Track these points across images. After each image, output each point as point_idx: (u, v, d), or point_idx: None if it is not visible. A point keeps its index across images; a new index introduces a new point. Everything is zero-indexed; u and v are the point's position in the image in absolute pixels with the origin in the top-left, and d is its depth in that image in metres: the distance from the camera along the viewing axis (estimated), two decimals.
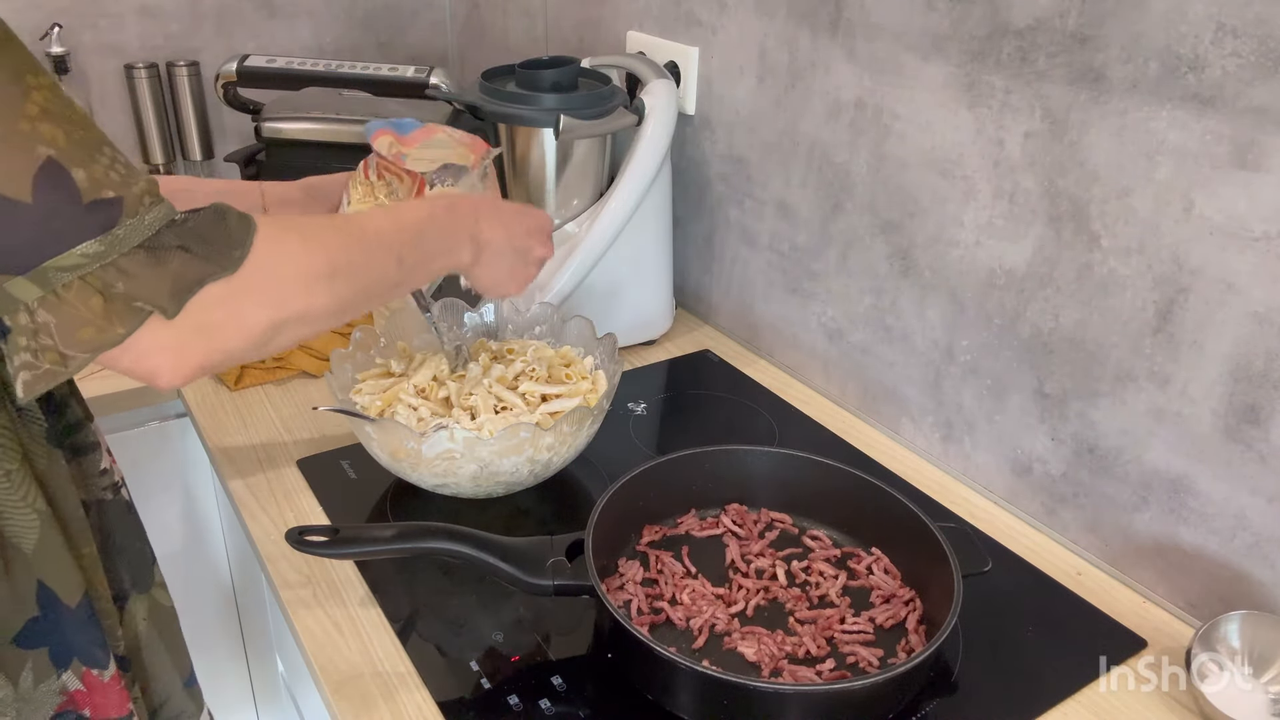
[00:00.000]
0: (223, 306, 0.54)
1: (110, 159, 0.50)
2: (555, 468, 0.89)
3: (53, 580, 0.64)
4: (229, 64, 1.43)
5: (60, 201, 0.48)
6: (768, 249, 1.14)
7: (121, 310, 0.50)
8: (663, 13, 1.20)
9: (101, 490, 0.72)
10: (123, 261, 0.50)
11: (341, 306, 0.62)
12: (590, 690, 0.71)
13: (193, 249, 0.52)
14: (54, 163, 0.48)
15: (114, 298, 0.50)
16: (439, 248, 0.74)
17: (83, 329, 0.50)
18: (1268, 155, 0.67)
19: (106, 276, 0.50)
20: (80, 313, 0.50)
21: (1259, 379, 0.71)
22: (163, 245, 0.51)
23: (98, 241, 0.49)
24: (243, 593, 1.22)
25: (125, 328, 0.51)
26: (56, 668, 0.65)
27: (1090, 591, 0.83)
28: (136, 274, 0.50)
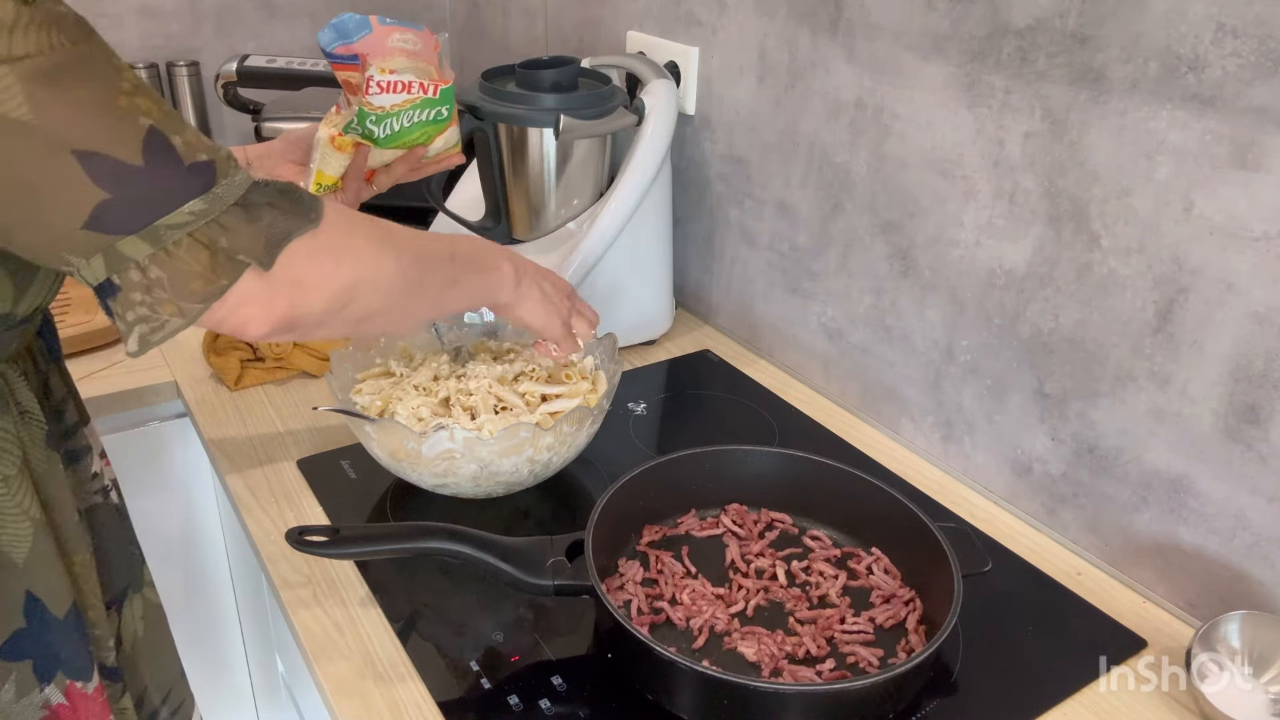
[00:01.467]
0: (309, 261, 0.57)
1: (194, 129, 0.54)
2: (555, 468, 0.89)
3: (42, 590, 0.64)
4: (229, 64, 1.43)
5: (166, 164, 0.51)
6: (768, 249, 1.14)
7: (224, 263, 0.54)
8: (663, 13, 1.20)
9: (93, 495, 0.72)
10: (223, 218, 0.53)
11: (407, 281, 0.65)
12: (590, 690, 0.71)
13: (279, 205, 0.56)
14: (156, 130, 0.51)
15: (218, 251, 0.53)
16: (482, 259, 0.77)
17: (193, 281, 0.53)
18: (1268, 155, 0.67)
19: (211, 233, 0.53)
20: (190, 267, 0.53)
21: (1259, 379, 0.72)
22: (254, 202, 0.55)
23: (201, 200, 0.52)
24: (243, 593, 1.22)
25: (229, 279, 0.54)
26: (40, 681, 0.65)
27: (1090, 591, 0.83)
28: (236, 229, 0.54)
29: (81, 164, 0.49)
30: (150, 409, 1.10)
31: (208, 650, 1.26)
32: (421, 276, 0.68)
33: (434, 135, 0.90)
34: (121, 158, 0.50)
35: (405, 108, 0.86)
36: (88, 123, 0.49)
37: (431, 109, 0.88)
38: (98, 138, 0.49)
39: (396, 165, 0.92)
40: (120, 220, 0.50)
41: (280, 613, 0.81)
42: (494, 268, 0.78)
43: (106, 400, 1.04)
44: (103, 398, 1.04)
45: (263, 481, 0.92)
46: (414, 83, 0.85)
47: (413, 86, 0.85)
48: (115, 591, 0.75)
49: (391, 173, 0.92)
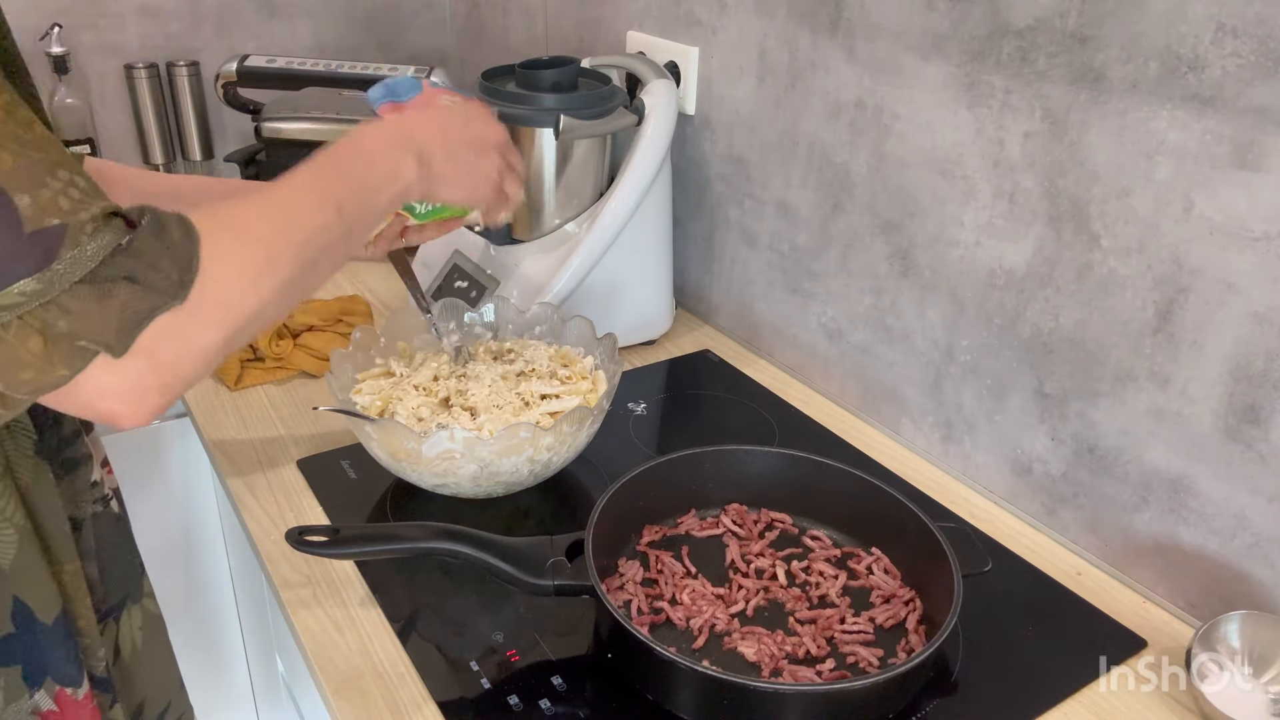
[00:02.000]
0: (175, 337, 0.50)
1: (66, 183, 0.47)
2: (555, 468, 0.89)
3: (29, 597, 0.63)
4: (229, 64, 1.43)
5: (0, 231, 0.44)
6: (768, 249, 1.14)
7: (65, 350, 0.47)
8: (663, 13, 1.20)
9: (92, 504, 0.71)
10: (64, 298, 0.46)
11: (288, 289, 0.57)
12: (590, 690, 0.71)
13: (139, 278, 0.48)
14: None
15: (56, 338, 0.46)
16: (376, 175, 0.67)
17: (23, 370, 0.47)
18: (1268, 155, 0.67)
19: (47, 315, 0.46)
20: (19, 354, 0.46)
21: (1259, 379, 0.72)
22: (108, 277, 0.47)
23: (35, 280, 0.45)
24: (243, 593, 1.22)
25: (69, 369, 0.47)
26: (29, 687, 0.64)
27: (1090, 591, 0.83)
28: (80, 311, 0.46)
29: None
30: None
31: (208, 650, 1.27)
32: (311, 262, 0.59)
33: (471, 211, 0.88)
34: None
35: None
36: None
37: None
38: None
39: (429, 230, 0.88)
40: None
41: (280, 613, 0.81)
42: (394, 175, 0.67)
43: None
44: None
45: (263, 481, 0.92)
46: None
47: None
48: (113, 601, 0.74)
49: (423, 233, 0.88)
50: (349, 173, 0.65)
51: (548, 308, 1.01)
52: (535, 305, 1.02)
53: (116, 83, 1.54)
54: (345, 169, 0.65)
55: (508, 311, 1.02)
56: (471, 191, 0.76)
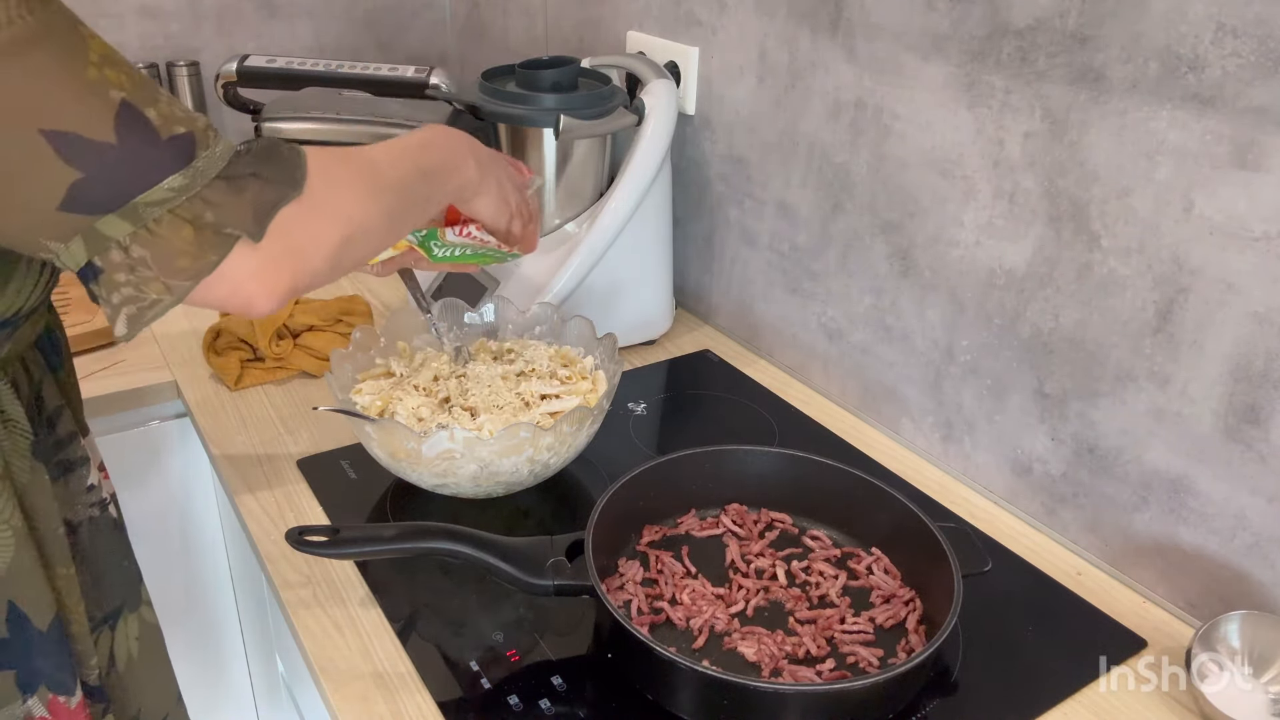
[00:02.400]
0: (300, 226, 0.56)
1: (169, 99, 0.52)
2: (555, 468, 0.89)
3: (24, 602, 0.63)
4: (229, 64, 1.43)
5: (141, 140, 0.49)
6: (768, 249, 1.14)
7: (211, 238, 0.52)
8: (663, 13, 1.20)
9: (88, 508, 0.71)
10: (206, 192, 0.52)
11: (391, 218, 0.65)
12: (590, 690, 0.71)
13: (263, 174, 0.54)
14: (128, 104, 0.49)
15: (203, 226, 0.52)
16: (448, 162, 0.75)
17: (179, 258, 0.52)
18: (1268, 155, 0.67)
19: (194, 208, 0.51)
20: (174, 243, 0.51)
21: (1259, 379, 0.72)
22: (237, 174, 0.53)
23: (181, 175, 0.51)
24: (243, 593, 1.22)
25: (217, 254, 0.52)
26: (22, 693, 0.64)
27: (1090, 591, 0.83)
28: (220, 202, 0.52)
29: (51, 144, 0.47)
30: (150, 409, 1.10)
31: (208, 651, 1.26)
32: (403, 206, 0.67)
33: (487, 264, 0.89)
34: (93, 136, 0.48)
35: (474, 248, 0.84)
36: (54, 99, 0.47)
37: (497, 256, 0.87)
38: (66, 115, 0.47)
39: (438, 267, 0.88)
40: (97, 200, 0.49)
41: (280, 613, 0.81)
42: (460, 169, 0.76)
43: (106, 400, 1.04)
44: (102, 398, 1.04)
45: (263, 481, 0.92)
46: (493, 241, 0.84)
47: (490, 242, 0.84)
48: (109, 609, 0.74)
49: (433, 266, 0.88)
50: (430, 152, 0.73)
51: (548, 308, 1.01)
52: (535, 305, 1.02)
53: None
54: (427, 149, 0.73)
55: (508, 311, 1.02)
56: (500, 213, 0.81)
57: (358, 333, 0.95)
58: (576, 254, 1.07)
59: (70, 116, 0.48)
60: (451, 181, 0.75)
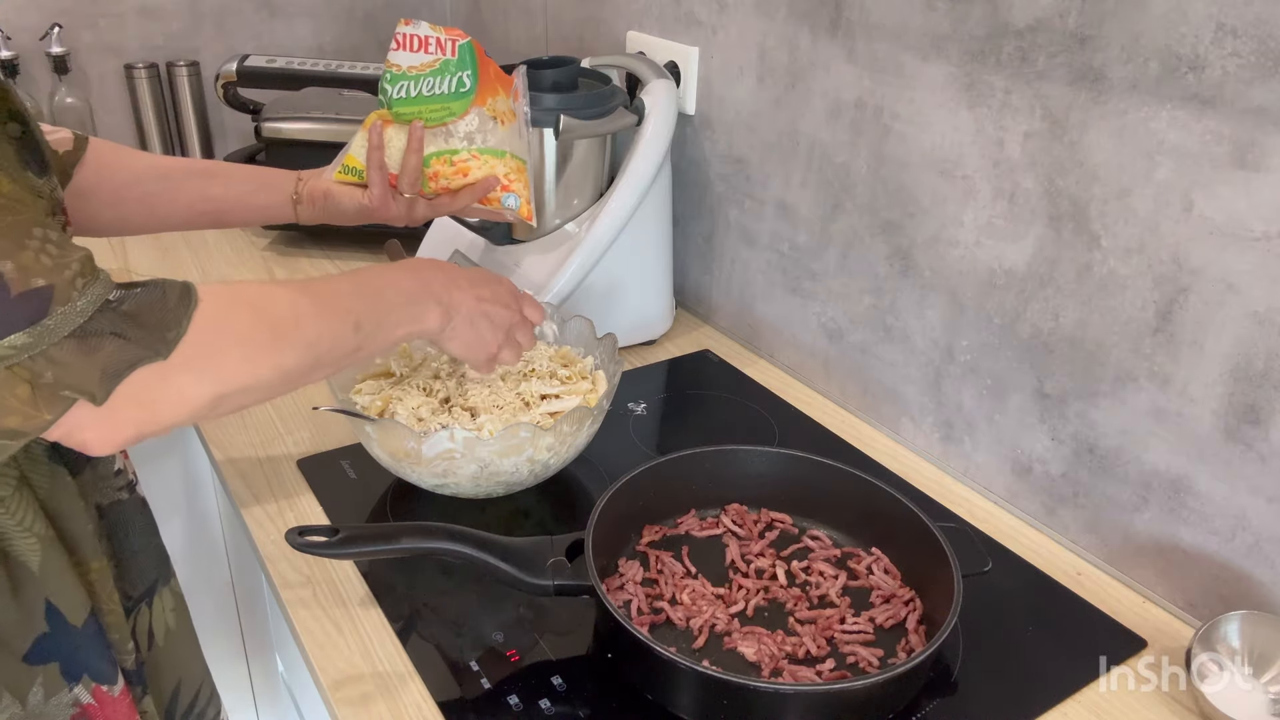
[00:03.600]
0: (156, 387, 0.53)
1: (42, 240, 0.49)
2: (555, 468, 0.89)
3: (58, 600, 0.63)
4: (229, 64, 1.43)
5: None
6: (768, 249, 1.14)
7: (49, 398, 0.50)
8: (663, 13, 1.20)
9: (117, 491, 0.72)
10: (52, 351, 0.49)
11: (288, 376, 0.62)
12: (590, 690, 0.71)
13: (126, 334, 0.52)
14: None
15: (42, 386, 0.49)
16: (403, 314, 0.72)
17: (8, 417, 0.49)
18: (1268, 155, 0.67)
19: (35, 366, 0.49)
20: (7, 400, 0.49)
21: (1259, 379, 0.72)
22: (95, 332, 0.51)
23: (25, 334, 0.48)
24: (243, 593, 1.22)
25: (52, 414, 0.50)
26: (68, 681, 0.64)
27: (1090, 591, 0.83)
28: (66, 362, 0.50)
29: None
30: None
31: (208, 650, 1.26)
32: (313, 363, 0.64)
33: (456, 111, 0.86)
34: None
35: (424, 72, 0.83)
36: None
37: (451, 76, 0.84)
38: None
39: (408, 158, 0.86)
40: None
41: (280, 613, 0.81)
42: (415, 320, 0.73)
43: None
44: None
45: (263, 481, 0.92)
46: (431, 38, 0.83)
47: (430, 43, 0.83)
48: (145, 586, 0.74)
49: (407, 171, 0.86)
50: (379, 300, 0.70)
51: (548, 308, 1.01)
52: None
53: (116, 83, 1.55)
54: (377, 295, 0.70)
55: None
56: (470, 356, 0.80)
57: None
58: (576, 254, 1.07)
59: None
60: (401, 330, 0.72)
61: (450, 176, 0.88)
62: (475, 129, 0.87)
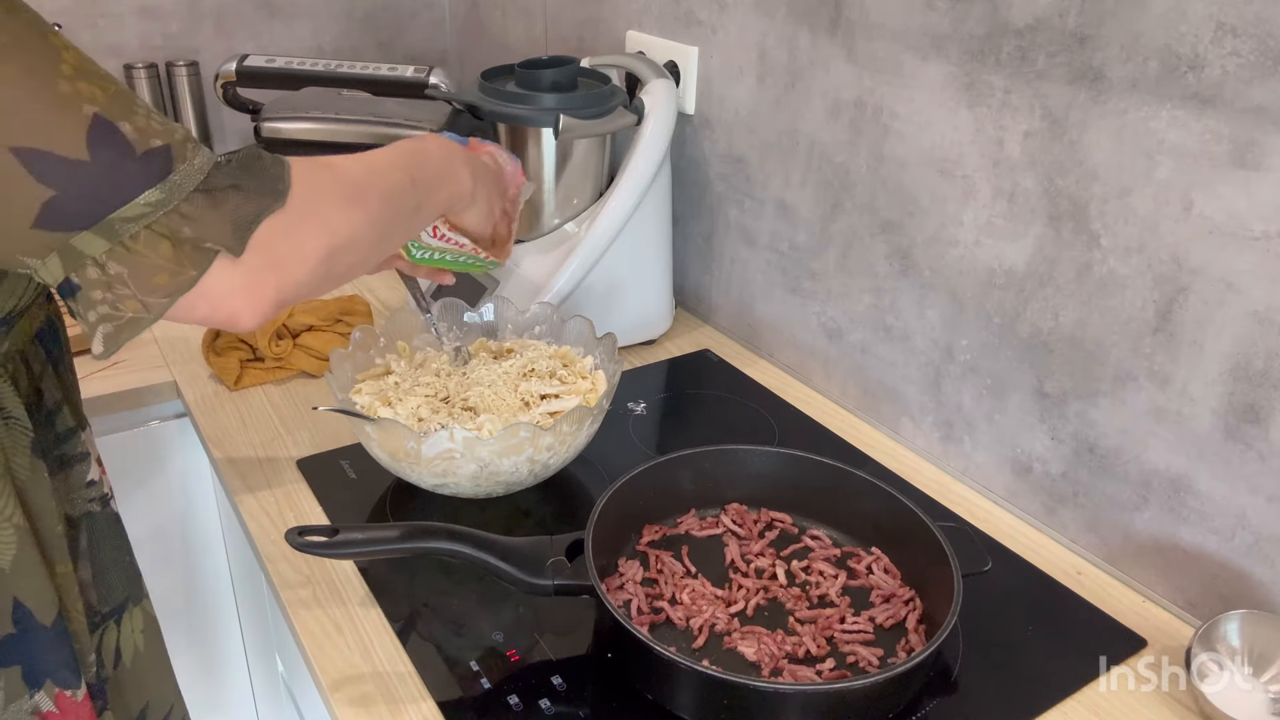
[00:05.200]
0: (283, 239, 0.55)
1: (146, 110, 0.51)
2: (555, 468, 0.89)
3: (28, 598, 0.63)
4: (228, 64, 1.43)
5: (116, 155, 0.49)
6: (767, 249, 1.14)
7: (190, 253, 0.51)
8: (662, 12, 1.20)
9: (88, 503, 0.71)
10: (184, 206, 0.51)
11: (378, 228, 0.64)
12: (590, 690, 0.71)
13: (244, 186, 0.54)
14: (101, 119, 0.48)
15: (181, 241, 0.51)
16: (443, 171, 0.74)
17: (157, 275, 0.51)
18: (1268, 155, 0.67)
19: (171, 222, 0.51)
20: (152, 260, 0.51)
21: (1259, 378, 0.72)
22: (217, 186, 0.52)
23: (158, 190, 0.50)
24: (243, 593, 1.22)
25: (197, 269, 0.52)
26: (29, 687, 0.64)
27: (1090, 591, 0.83)
28: (198, 216, 0.51)
29: (22, 161, 0.46)
30: (150, 409, 1.10)
31: (208, 651, 1.27)
32: (392, 217, 0.66)
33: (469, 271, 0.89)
34: (65, 153, 0.47)
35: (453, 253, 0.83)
36: (24, 115, 0.46)
37: (476, 263, 0.86)
38: (37, 132, 0.47)
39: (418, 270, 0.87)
40: (71, 217, 0.48)
41: (280, 613, 0.81)
42: (453, 179, 0.75)
43: (106, 400, 1.04)
44: (102, 398, 1.04)
45: (262, 481, 0.92)
46: (468, 245, 0.83)
47: (465, 245, 0.83)
48: (114, 603, 0.74)
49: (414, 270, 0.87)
50: (423, 160, 0.72)
51: (547, 307, 1.01)
52: (535, 305, 1.02)
53: None
54: (420, 157, 0.72)
55: (507, 311, 1.02)
56: (485, 224, 0.82)
57: (357, 333, 0.95)
58: (576, 254, 1.07)
59: (41, 133, 0.47)
60: (444, 191, 0.74)
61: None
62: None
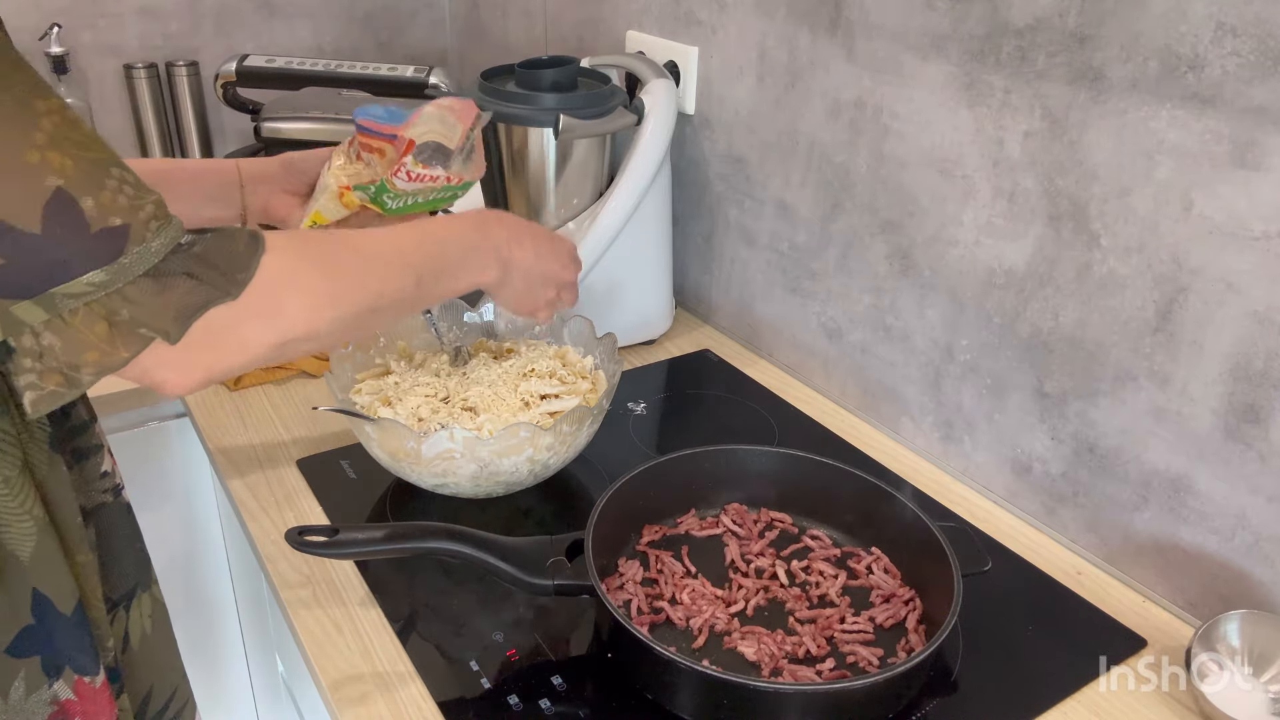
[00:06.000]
0: (226, 329, 0.55)
1: (119, 180, 0.50)
2: (555, 468, 0.89)
3: (48, 588, 0.63)
4: (228, 64, 1.43)
5: (69, 232, 0.48)
6: (767, 248, 1.14)
7: (126, 335, 0.51)
8: (662, 12, 1.20)
9: (102, 494, 0.72)
10: (128, 289, 0.50)
11: (347, 327, 0.63)
12: (590, 690, 0.71)
13: (198, 275, 0.53)
14: (63, 193, 0.48)
15: (119, 324, 0.51)
16: (463, 266, 0.74)
17: (88, 352, 0.51)
18: (1268, 155, 0.67)
19: (111, 304, 0.50)
20: (85, 337, 0.50)
21: (1259, 378, 0.72)
22: (168, 272, 0.52)
23: (104, 271, 0.49)
24: (243, 593, 1.22)
25: (129, 351, 0.52)
26: (48, 677, 0.64)
27: (1090, 591, 0.83)
28: (141, 301, 0.51)
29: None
30: (150, 409, 1.10)
31: (208, 650, 1.26)
32: (374, 314, 0.65)
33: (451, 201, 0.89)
34: (16, 223, 0.47)
35: (428, 194, 0.83)
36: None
37: (449, 193, 0.86)
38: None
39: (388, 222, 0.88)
40: (14, 286, 0.48)
41: (280, 613, 0.81)
42: (475, 273, 0.75)
43: (107, 400, 1.04)
44: (103, 398, 1.04)
45: (262, 481, 0.92)
46: (441, 176, 0.83)
47: (439, 179, 0.83)
48: (125, 589, 0.74)
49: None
50: (441, 254, 0.72)
51: None
52: None
53: (116, 83, 1.54)
54: (440, 249, 0.72)
55: (507, 311, 1.02)
56: (523, 310, 0.83)
57: None
58: None
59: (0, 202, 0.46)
60: (462, 284, 0.74)
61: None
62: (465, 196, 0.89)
